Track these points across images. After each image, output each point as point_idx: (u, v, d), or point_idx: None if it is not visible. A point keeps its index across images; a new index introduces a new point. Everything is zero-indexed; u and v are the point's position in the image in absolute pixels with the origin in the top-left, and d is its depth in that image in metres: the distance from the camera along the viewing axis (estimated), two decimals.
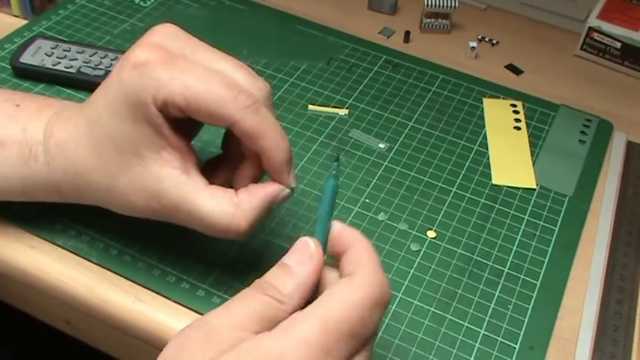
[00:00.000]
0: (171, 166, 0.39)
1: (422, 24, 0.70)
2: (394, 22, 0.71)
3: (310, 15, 0.70)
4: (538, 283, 0.48)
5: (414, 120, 0.60)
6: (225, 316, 0.32)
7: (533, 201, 0.54)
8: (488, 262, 0.49)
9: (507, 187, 0.55)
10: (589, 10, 0.69)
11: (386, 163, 0.55)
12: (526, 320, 0.46)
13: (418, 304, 0.46)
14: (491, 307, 0.46)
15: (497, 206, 0.53)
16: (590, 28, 0.68)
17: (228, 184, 0.41)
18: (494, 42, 0.71)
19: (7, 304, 0.52)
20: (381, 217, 0.51)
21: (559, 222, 0.52)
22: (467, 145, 0.58)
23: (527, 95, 0.64)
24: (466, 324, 0.45)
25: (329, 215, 0.36)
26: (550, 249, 0.50)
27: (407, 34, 0.69)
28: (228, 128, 0.39)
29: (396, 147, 0.57)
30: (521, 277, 0.48)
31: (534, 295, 0.47)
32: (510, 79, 0.66)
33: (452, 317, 0.45)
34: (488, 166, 0.56)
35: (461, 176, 0.55)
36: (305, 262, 0.34)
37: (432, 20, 0.70)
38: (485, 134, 0.59)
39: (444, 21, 0.70)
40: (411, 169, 0.55)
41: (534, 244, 0.51)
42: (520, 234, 0.51)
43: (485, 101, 0.63)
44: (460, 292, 0.47)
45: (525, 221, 0.52)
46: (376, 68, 0.65)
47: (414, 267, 0.48)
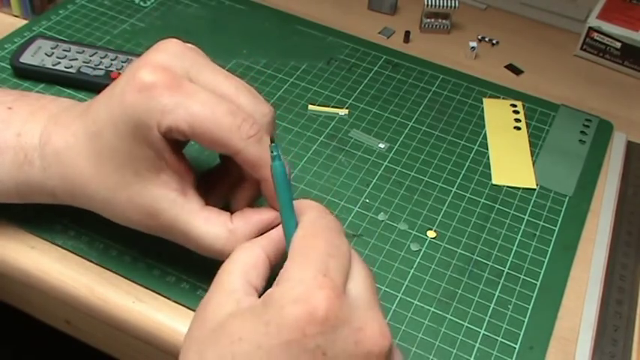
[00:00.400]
0: (168, 188, 0.39)
1: (422, 24, 0.70)
2: (394, 22, 0.71)
3: (310, 15, 0.70)
4: (538, 283, 0.48)
5: (414, 120, 0.60)
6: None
7: (533, 201, 0.54)
8: (488, 262, 0.49)
9: (507, 187, 0.55)
10: (589, 10, 0.70)
11: (386, 163, 0.56)
12: (526, 320, 0.46)
13: (418, 304, 0.46)
14: (491, 307, 0.46)
15: (497, 206, 0.53)
16: (590, 28, 0.68)
17: (225, 201, 0.42)
18: (494, 42, 0.71)
19: (7, 304, 0.52)
20: (381, 217, 0.51)
21: (559, 222, 0.52)
22: (467, 145, 0.58)
23: (527, 95, 0.64)
24: (466, 324, 0.45)
25: (290, 203, 0.37)
26: (550, 249, 0.50)
27: (407, 34, 0.69)
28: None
29: (396, 147, 0.57)
30: (521, 277, 0.48)
31: (534, 295, 0.47)
32: (510, 79, 0.66)
33: (452, 317, 0.45)
34: (488, 166, 0.56)
35: (461, 176, 0.55)
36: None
37: (432, 20, 0.70)
38: (485, 134, 0.59)
39: (444, 21, 0.70)
40: (411, 169, 0.55)
41: (534, 244, 0.51)
42: (520, 234, 0.51)
43: (485, 101, 0.63)
44: (460, 292, 0.47)
45: (525, 221, 0.52)
46: (376, 68, 0.65)
47: (414, 267, 0.48)
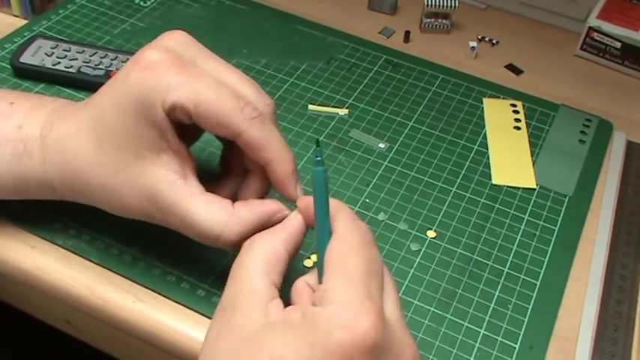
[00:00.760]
0: (169, 170, 0.39)
1: (422, 24, 0.70)
2: (394, 22, 0.71)
3: (310, 15, 0.70)
4: (538, 283, 0.48)
5: (414, 120, 0.60)
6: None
7: (533, 201, 0.54)
8: (488, 262, 0.49)
9: (507, 187, 0.55)
10: (589, 10, 0.70)
11: (386, 163, 0.56)
12: (526, 320, 0.46)
13: (418, 304, 0.46)
14: (491, 307, 0.46)
15: (497, 206, 0.53)
16: (590, 28, 0.68)
17: (232, 199, 0.41)
18: (494, 42, 0.71)
19: (7, 304, 0.52)
20: (381, 217, 0.51)
21: (559, 222, 0.52)
22: (467, 145, 0.58)
23: (527, 95, 0.64)
24: (466, 324, 0.45)
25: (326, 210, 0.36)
26: (550, 249, 0.50)
27: (407, 34, 0.69)
28: (230, 140, 0.39)
29: (396, 147, 0.57)
30: (521, 277, 0.48)
31: (534, 295, 0.47)
32: (510, 79, 0.66)
33: (452, 317, 0.45)
34: (488, 166, 0.56)
35: (461, 176, 0.55)
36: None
37: (432, 20, 0.70)
38: (485, 134, 0.59)
39: (444, 21, 0.70)
40: (411, 169, 0.55)
41: (534, 244, 0.51)
42: (520, 234, 0.51)
43: (485, 101, 0.63)
44: (460, 291, 0.47)
45: (525, 221, 0.52)
46: (376, 68, 0.65)
47: (414, 267, 0.48)
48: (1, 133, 0.42)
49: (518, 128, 0.60)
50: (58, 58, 0.59)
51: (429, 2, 0.68)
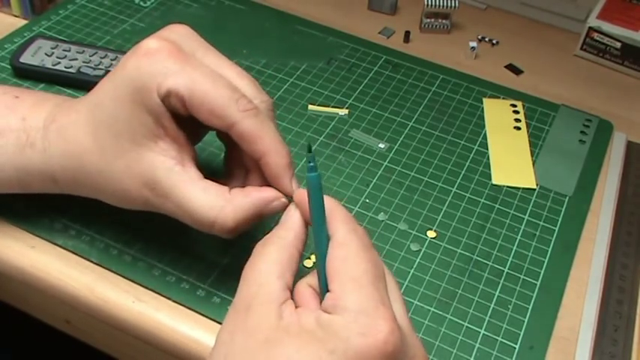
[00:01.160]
0: (167, 156, 0.39)
1: (422, 24, 0.70)
2: (394, 22, 0.71)
3: (310, 15, 0.70)
4: (538, 283, 0.48)
5: (414, 120, 0.60)
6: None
7: (533, 201, 0.54)
8: (488, 262, 0.49)
9: (507, 187, 0.55)
10: (589, 10, 0.70)
11: (386, 163, 0.55)
12: (526, 320, 0.46)
13: (418, 304, 0.46)
14: (491, 307, 0.46)
15: (497, 206, 0.53)
16: (590, 28, 0.68)
17: None
18: (494, 42, 0.71)
19: (7, 304, 0.52)
20: (381, 217, 0.51)
21: (559, 222, 0.52)
22: (467, 145, 0.58)
23: (527, 95, 0.64)
24: (466, 324, 0.45)
25: (322, 218, 0.36)
26: (550, 249, 0.50)
27: (407, 34, 0.69)
28: (231, 142, 0.39)
29: (396, 147, 0.57)
30: (521, 277, 0.48)
31: (534, 295, 0.47)
32: (510, 79, 0.66)
33: (452, 317, 0.45)
34: (488, 166, 0.56)
35: (461, 176, 0.55)
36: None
37: (432, 20, 0.70)
38: (485, 134, 0.59)
39: (444, 21, 0.70)
40: (411, 169, 0.55)
41: (534, 244, 0.51)
42: (520, 234, 0.51)
43: (485, 101, 0.63)
44: (460, 292, 0.47)
45: (525, 221, 0.52)
46: (376, 68, 0.65)
47: (414, 267, 0.48)
48: (5, 124, 0.43)
49: (518, 128, 0.60)
50: (58, 58, 0.59)
51: (429, 2, 0.68)
